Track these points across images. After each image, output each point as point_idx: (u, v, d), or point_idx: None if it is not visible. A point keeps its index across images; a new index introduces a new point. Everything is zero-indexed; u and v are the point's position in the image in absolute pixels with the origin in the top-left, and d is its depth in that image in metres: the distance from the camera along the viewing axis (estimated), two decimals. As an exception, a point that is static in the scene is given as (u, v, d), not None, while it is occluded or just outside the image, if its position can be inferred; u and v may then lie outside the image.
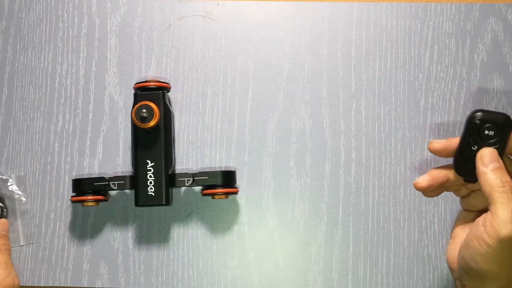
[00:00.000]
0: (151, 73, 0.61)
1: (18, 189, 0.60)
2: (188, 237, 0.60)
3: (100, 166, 0.60)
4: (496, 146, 0.46)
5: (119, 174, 0.59)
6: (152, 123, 0.53)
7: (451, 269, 0.49)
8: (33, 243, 0.60)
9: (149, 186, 0.55)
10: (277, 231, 0.60)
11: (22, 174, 0.60)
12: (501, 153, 0.46)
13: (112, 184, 0.55)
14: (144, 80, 0.57)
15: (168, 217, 0.60)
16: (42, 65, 0.62)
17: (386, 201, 0.60)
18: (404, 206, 0.60)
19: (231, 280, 0.59)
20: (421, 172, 0.60)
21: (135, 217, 0.60)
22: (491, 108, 0.61)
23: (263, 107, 0.61)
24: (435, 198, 0.60)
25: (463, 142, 0.48)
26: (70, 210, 0.60)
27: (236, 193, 0.58)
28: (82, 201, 0.55)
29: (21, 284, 0.59)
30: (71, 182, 0.58)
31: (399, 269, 0.59)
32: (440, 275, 0.59)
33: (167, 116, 0.57)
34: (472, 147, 0.47)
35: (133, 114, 0.53)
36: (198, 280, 0.59)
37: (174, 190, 0.60)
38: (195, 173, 0.56)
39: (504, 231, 0.41)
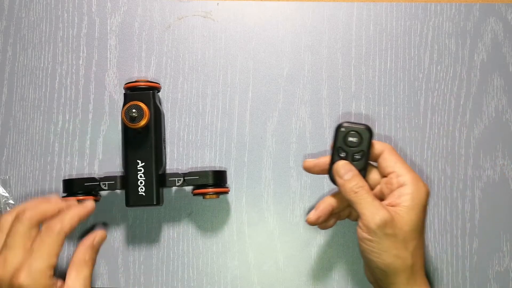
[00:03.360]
0: (151, 73, 0.61)
1: (5, 191, 0.60)
2: (188, 237, 0.60)
3: (100, 166, 0.60)
4: (361, 154, 0.51)
5: (111, 175, 0.59)
6: (142, 123, 0.53)
7: (369, 281, 0.55)
8: None
9: (139, 186, 0.55)
10: (277, 231, 0.60)
11: (7, 177, 0.61)
12: (366, 159, 0.52)
13: (103, 184, 0.55)
14: (134, 80, 0.57)
15: (168, 217, 0.60)
16: (42, 65, 0.62)
17: (386, 201, 0.60)
18: (404, 206, 0.60)
19: (231, 280, 0.59)
20: (421, 172, 0.60)
21: (135, 217, 0.60)
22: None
23: (263, 107, 0.61)
24: (435, 198, 0.60)
25: (333, 151, 0.52)
26: (70, 210, 0.60)
27: (227, 192, 0.58)
28: None
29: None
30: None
31: (399, 269, 0.59)
32: (440, 275, 0.59)
33: (157, 116, 0.56)
34: (340, 155, 0.52)
35: (123, 114, 0.53)
36: (198, 280, 0.59)
37: (176, 190, 0.60)
38: (186, 173, 0.56)
39: (372, 225, 0.48)
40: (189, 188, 0.60)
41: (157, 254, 0.60)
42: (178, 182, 0.56)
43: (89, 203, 0.51)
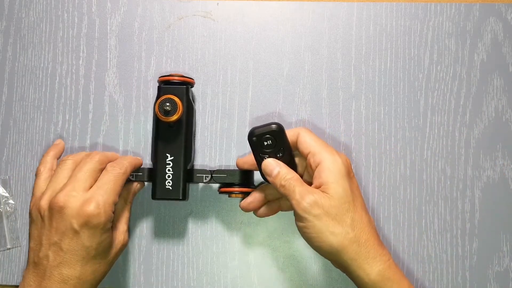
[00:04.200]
0: (151, 73, 0.61)
1: (5, 191, 0.60)
2: (188, 237, 0.60)
3: (100, 166, 0.60)
4: (281, 151, 0.52)
5: None
6: (174, 117, 0.53)
7: (339, 269, 0.53)
8: (19, 246, 0.60)
9: (167, 179, 0.55)
10: (277, 231, 0.60)
11: (7, 177, 0.61)
12: (289, 152, 0.52)
13: (131, 175, 0.55)
14: (169, 74, 0.57)
15: (168, 217, 0.60)
16: (42, 65, 0.62)
17: (386, 201, 0.60)
18: (404, 206, 0.60)
19: (231, 280, 0.59)
20: (421, 172, 0.60)
21: (135, 217, 0.60)
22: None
23: (263, 107, 0.61)
24: (435, 198, 0.60)
25: (256, 157, 0.53)
26: (70, 210, 0.60)
27: None
28: None
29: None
30: None
31: (399, 269, 0.59)
32: (440, 275, 0.59)
33: (189, 111, 0.56)
34: (265, 158, 0.52)
35: (157, 107, 0.53)
36: (198, 280, 0.59)
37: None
38: (214, 170, 0.56)
39: (300, 212, 0.49)
40: (201, 186, 0.60)
41: (157, 254, 0.60)
42: (205, 179, 0.56)
43: (138, 158, 0.56)
